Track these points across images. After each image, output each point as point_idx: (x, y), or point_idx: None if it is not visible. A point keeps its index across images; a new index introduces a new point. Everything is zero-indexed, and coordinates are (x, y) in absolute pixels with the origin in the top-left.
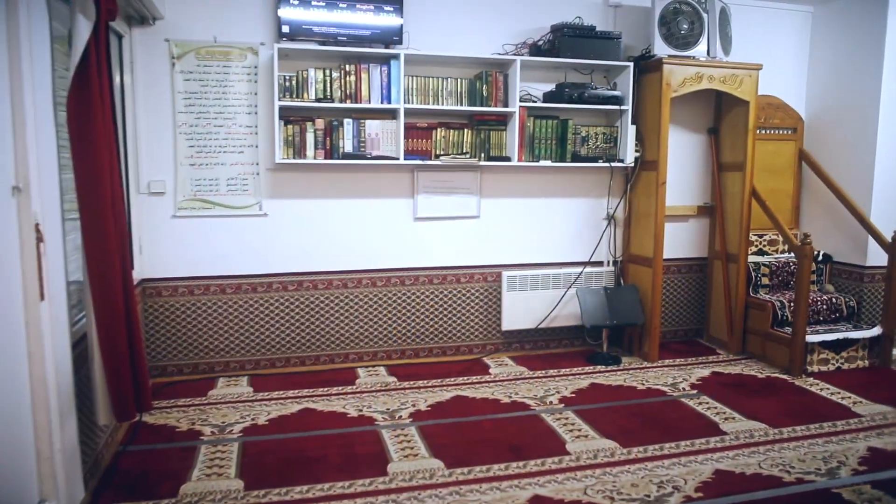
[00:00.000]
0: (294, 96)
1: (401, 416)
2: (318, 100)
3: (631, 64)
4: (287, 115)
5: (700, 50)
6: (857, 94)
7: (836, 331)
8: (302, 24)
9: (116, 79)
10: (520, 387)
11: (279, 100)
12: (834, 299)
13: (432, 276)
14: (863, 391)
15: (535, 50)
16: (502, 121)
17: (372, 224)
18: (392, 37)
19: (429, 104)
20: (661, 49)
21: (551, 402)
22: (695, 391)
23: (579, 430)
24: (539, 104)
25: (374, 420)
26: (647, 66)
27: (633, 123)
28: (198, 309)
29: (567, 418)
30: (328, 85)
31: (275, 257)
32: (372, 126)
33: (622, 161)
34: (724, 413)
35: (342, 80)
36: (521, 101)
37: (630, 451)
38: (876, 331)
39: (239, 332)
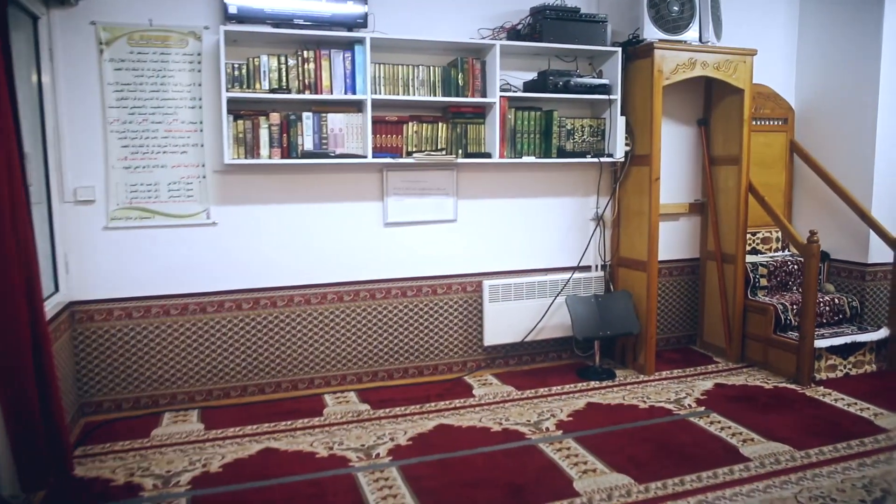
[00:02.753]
0: (245, 87)
1: (378, 454)
2: (272, 90)
3: (619, 50)
4: (237, 109)
5: (692, 34)
6: (852, 82)
7: (842, 334)
8: (252, 4)
9: (31, 68)
10: (509, 411)
11: (227, 91)
12: (836, 300)
13: (405, 288)
14: (879, 400)
15: (515, 34)
16: (480, 113)
17: (337, 231)
18: (356, 19)
19: (399, 95)
20: (650, 33)
21: (548, 429)
22: (702, 408)
23: (585, 463)
24: (520, 94)
25: (348, 461)
26: (636, 51)
27: (622, 114)
28: (137, 334)
29: (569, 448)
30: (284, 74)
31: (226, 272)
32: (335, 120)
33: (611, 156)
34: (741, 433)
35: (300, 69)
36: (500, 90)
37: (648, 487)
38: (883, 332)
39: (187, 358)
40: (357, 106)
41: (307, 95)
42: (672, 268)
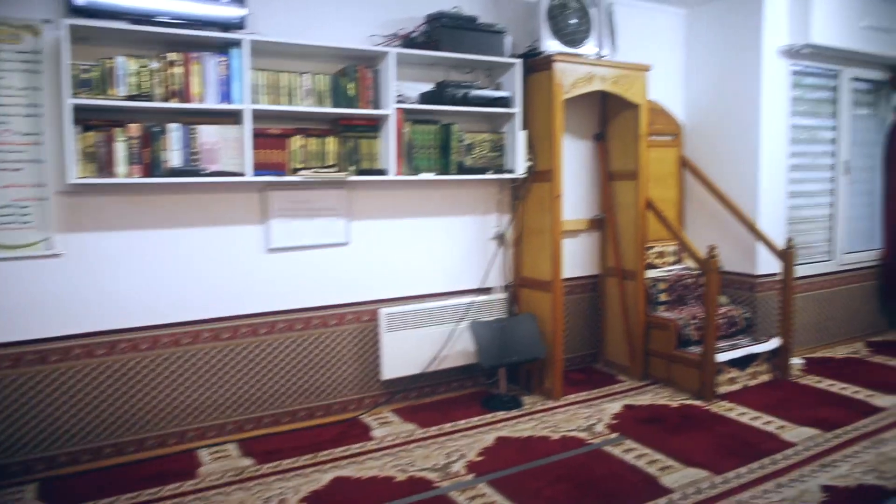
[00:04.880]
0: (96, 93)
1: None
2: (131, 97)
3: (519, 61)
4: (86, 119)
5: (589, 48)
6: (736, 98)
7: (739, 346)
8: None
9: None
10: (414, 454)
11: (73, 97)
12: (731, 312)
13: (293, 322)
14: (781, 412)
15: (410, 42)
16: (374, 126)
17: (212, 260)
18: (232, 20)
19: (282, 105)
20: (549, 46)
21: (458, 473)
22: (615, 434)
23: None
24: (417, 106)
25: None
26: (535, 64)
27: (523, 129)
28: None
29: (484, 496)
30: (145, 78)
31: (74, 313)
32: (208, 133)
33: (512, 172)
34: (657, 461)
35: (165, 73)
36: (396, 102)
37: None
38: (775, 342)
39: (25, 420)
40: (234, 117)
41: (174, 104)
42: (573, 286)
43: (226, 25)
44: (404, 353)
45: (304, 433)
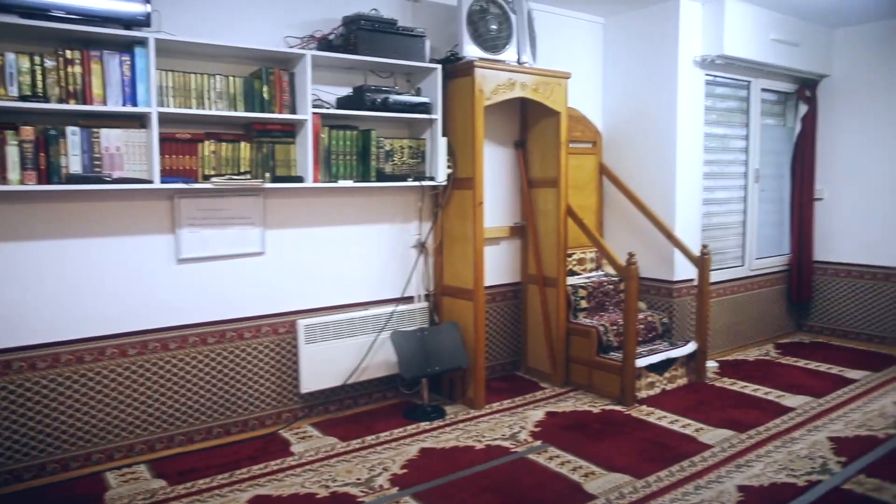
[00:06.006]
0: None
1: None
2: (23, 98)
3: (439, 67)
4: None
5: (510, 55)
6: (653, 107)
7: (657, 351)
8: None
9: None
10: (336, 468)
11: None
12: (649, 318)
13: (205, 335)
14: (698, 415)
15: (327, 45)
16: (290, 131)
17: (117, 272)
18: (136, 17)
19: (192, 108)
20: (470, 51)
21: (382, 487)
22: (538, 442)
23: None
24: (335, 111)
25: None
26: (455, 69)
27: (443, 135)
28: None
29: None
30: (40, 77)
31: None
32: (111, 137)
33: (433, 179)
34: (581, 467)
35: (61, 72)
36: (313, 106)
37: None
38: (692, 346)
39: None
40: (139, 120)
41: (72, 106)
42: (495, 293)
43: (129, 22)
44: (324, 364)
45: (220, 451)
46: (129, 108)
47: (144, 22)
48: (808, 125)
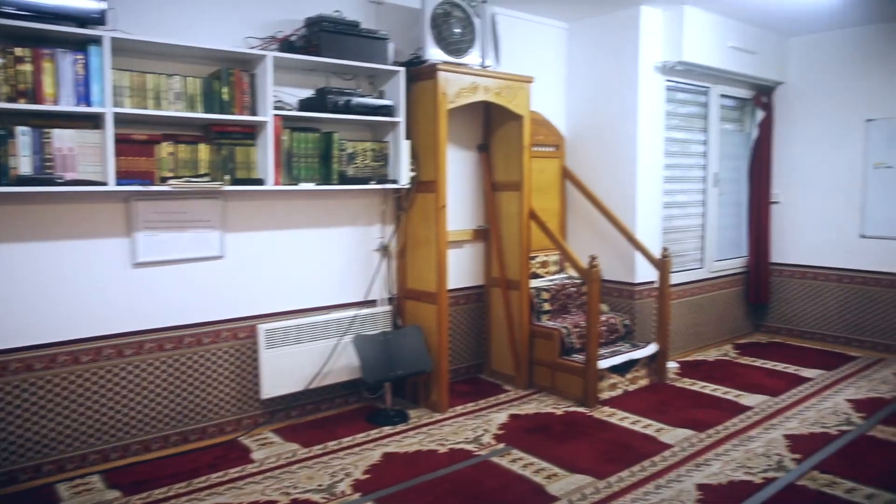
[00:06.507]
0: None
1: None
2: None
3: (402, 69)
4: None
5: (473, 58)
6: (614, 111)
7: (619, 352)
8: None
9: None
10: (297, 475)
11: None
12: (611, 320)
13: (163, 341)
14: (659, 415)
15: (288, 46)
16: (251, 133)
17: (70, 277)
18: (90, 14)
19: (149, 109)
20: (433, 54)
21: (344, 493)
22: (502, 444)
23: None
24: (296, 113)
25: None
26: (419, 72)
27: (406, 138)
28: None
29: None
30: None
31: None
32: (63, 138)
33: (396, 182)
34: (543, 469)
35: (11, 70)
36: (274, 108)
37: None
38: (653, 348)
39: None
40: (94, 121)
41: (22, 105)
42: (458, 296)
43: (84, 20)
44: (285, 369)
45: (178, 459)
46: (82, 108)
47: (99, 20)
48: (765, 131)
